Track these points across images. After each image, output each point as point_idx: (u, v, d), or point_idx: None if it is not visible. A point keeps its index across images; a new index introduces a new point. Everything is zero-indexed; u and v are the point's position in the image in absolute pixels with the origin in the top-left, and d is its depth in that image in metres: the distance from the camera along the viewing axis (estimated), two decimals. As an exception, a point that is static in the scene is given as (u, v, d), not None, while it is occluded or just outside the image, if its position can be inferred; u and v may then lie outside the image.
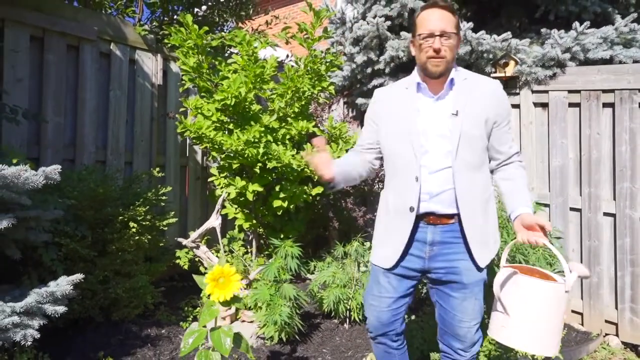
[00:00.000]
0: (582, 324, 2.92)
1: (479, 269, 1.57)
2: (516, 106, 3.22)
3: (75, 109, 2.89)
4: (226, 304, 1.50)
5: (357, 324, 2.67)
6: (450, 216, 1.55)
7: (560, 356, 2.32)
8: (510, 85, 3.20)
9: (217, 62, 2.80)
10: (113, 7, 3.61)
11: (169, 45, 2.71)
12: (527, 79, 3.11)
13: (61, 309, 1.69)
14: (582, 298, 2.93)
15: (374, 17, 3.31)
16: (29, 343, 1.58)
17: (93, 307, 2.29)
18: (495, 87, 1.59)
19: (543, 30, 3.26)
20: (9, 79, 2.54)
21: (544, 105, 3.12)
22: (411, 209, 1.54)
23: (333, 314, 2.61)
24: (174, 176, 3.46)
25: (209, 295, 1.46)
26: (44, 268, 2.06)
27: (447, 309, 1.60)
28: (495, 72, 3.15)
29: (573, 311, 2.97)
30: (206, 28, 2.57)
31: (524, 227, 1.48)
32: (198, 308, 2.75)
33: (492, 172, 1.65)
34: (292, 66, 2.87)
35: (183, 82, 2.88)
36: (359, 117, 3.94)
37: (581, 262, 2.93)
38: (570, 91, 3.00)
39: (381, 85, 3.41)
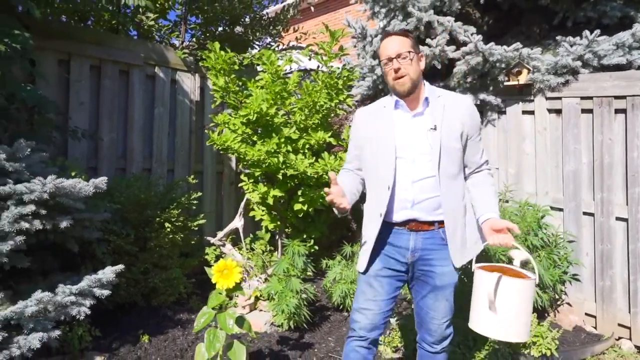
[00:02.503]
0: (596, 327, 2.96)
1: (456, 270, 1.73)
2: (531, 112, 3.29)
3: (125, 125, 3.39)
4: (230, 291, 1.84)
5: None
6: (431, 223, 1.69)
7: (556, 354, 2.43)
8: (525, 92, 3.28)
9: (241, 82, 3.16)
10: (160, 32, 4.11)
11: (206, 65, 3.10)
12: (540, 86, 3.18)
13: (106, 292, 2.11)
14: (595, 301, 2.96)
15: (391, 32, 3.51)
16: (82, 317, 2.01)
17: (136, 294, 2.73)
18: (468, 104, 1.77)
19: (558, 37, 3.30)
20: (73, 104, 3.07)
21: (558, 112, 3.17)
22: (379, 215, 1.68)
23: (341, 307, 2.87)
24: (211, 181, 3.87)
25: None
26: (97, 260, 2.50)
27: (421, 306, 1.79)
28: (508, 80, 3.23)
29: (587, 314, 3.00)
30: (231, 54, 2.93)
31: (494, 231, 1.65)
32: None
33: (465, 179, 1.80)
34: (311, 82, 3.16)
35: (215, 99, 3.27)
36: (382, 123, 4.16)
37: (594, 265, 2.97)
38: (582, 97, 3.04)
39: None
